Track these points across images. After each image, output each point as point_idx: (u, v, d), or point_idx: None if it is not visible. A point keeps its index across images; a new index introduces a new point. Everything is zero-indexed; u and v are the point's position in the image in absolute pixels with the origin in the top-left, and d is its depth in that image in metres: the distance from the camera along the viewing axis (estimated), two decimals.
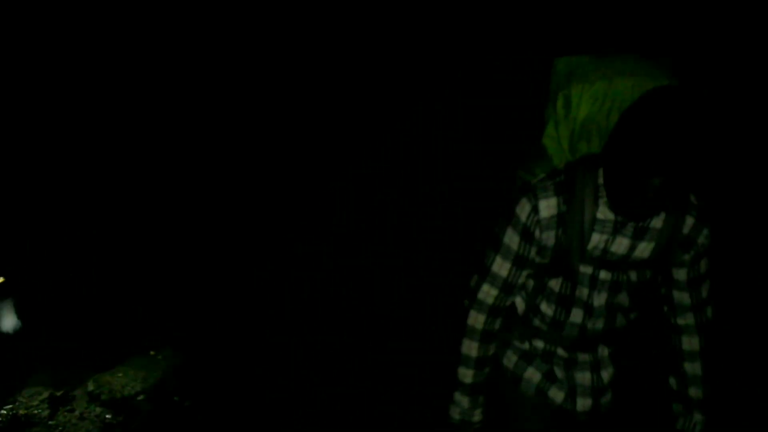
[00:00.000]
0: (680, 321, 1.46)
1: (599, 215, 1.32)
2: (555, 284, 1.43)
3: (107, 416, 2.53)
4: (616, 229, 1.33)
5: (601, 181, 1.31)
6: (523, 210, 1.36)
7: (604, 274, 1.38)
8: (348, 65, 3.56)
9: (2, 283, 2.77)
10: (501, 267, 1.42)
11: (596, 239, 1.34)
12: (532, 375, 1.53)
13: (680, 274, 1.42)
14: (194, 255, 3.55)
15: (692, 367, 1.47)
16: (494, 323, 1.49)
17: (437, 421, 1.75)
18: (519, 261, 1.41)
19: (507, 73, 3.29)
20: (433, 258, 3.37)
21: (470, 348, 1.49)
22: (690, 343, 1.46)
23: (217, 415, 2.69)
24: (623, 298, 1.42)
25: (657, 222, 1.34)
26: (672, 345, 1.49)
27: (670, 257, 1.38)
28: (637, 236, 1.34)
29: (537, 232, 1.36)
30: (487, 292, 1.45)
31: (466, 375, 1.50)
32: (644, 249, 1.35)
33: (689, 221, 1.36)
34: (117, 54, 3.55)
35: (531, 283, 1.48)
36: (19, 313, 2.85)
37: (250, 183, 3.69)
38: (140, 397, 2.63)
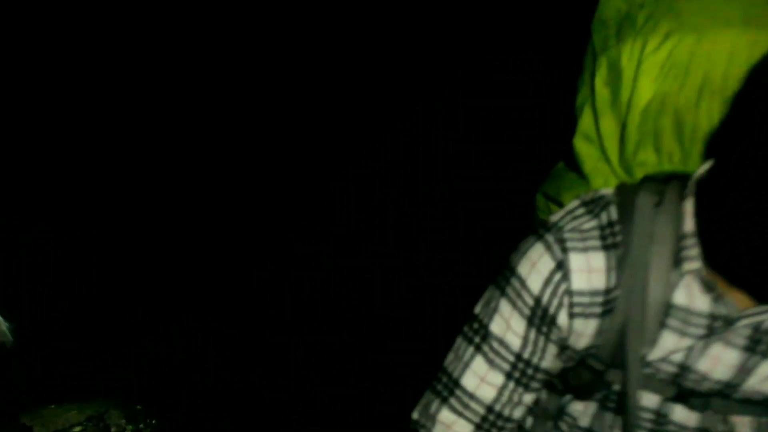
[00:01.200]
0: None
1: (677, 298, 0.68)
2: (581, 411, 0.78)
3: None
4: (712, 330, 0.68)
5: (689, 228, 0.67)
6: (536, 271, 0.70)
7: (682, 414, 0.72)
8: (348, 65, 3.56)
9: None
10: (483, 381, 0.75)
11: (668, 343, 0.69)
12: None
13: None
14: (193, 255, 3.55)
15: None
16: None
17: None
18: (523, 371, 0.74)
19: (507, 73, 3.29)
20: (433, 258, 3.37)
21: None
22: None
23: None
24: None
25: None
26: None
27: None
28: (760, 348, 0.68)
29: (562, 318, 0.70)
30: (449, 425, 0.80)
31: None
32: None
33: None
34: (116, 53, 3.55)
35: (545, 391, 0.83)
36: None
37: (250, 183, 3.69)
38: (76, 429, 2.63)
